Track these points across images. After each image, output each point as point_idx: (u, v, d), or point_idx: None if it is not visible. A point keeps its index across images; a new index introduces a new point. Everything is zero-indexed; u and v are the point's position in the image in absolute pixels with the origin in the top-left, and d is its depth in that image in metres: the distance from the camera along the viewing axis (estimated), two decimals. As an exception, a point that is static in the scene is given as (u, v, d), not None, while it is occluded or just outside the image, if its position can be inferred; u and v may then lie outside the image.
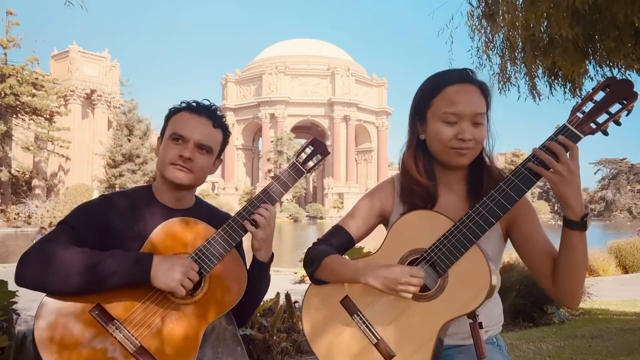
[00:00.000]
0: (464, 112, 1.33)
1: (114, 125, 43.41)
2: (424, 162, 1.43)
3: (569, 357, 3.94)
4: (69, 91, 44.08)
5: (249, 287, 1.46)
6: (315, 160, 1.51)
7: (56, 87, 40.68)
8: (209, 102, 1.57)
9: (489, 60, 4.67)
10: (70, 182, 43.15)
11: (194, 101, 1.55)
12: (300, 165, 1.49)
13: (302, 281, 10.00)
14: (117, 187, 38.37)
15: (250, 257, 1.56)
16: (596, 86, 1.22)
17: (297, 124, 62.25)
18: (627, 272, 11.57)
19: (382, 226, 1.54)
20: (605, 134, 1.21)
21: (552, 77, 4.47)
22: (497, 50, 4.64)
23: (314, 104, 62.19)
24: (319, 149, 1.51)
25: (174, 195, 1.54)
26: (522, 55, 4.45)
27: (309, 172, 1.50)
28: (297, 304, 4.25)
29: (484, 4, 4.32)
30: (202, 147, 1.50)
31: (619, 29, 3.50)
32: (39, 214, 36.21)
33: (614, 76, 2.56)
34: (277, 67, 61.93)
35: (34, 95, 38.83)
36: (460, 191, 1.44)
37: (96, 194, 28.16)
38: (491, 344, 1.42)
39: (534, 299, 5.51)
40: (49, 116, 39.90)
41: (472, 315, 1.26)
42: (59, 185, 43.96)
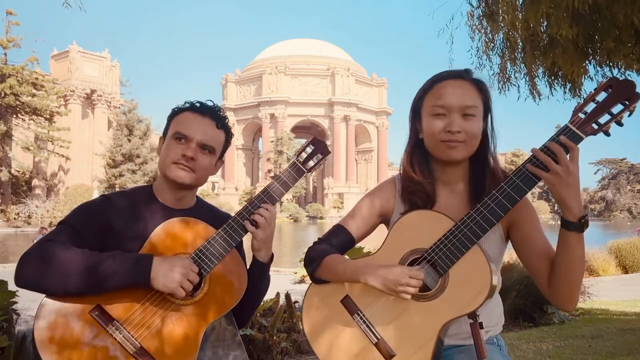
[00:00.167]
0: (452, 104, 1.34)
1: (114, 125, 43.44)
2: (419, 159, 1.45)
3: (569, 357, 3.94)
4: (69, 91, 44.13)
5: (249, 287, 1.46)
6: (315, 159, 1.50)
7: (56, 87, 40.71)
8: (213, 103, 1.58)
9: (489, 60, 4.68)
10: (70, 182, 43.17)
11: (198, 101, 1.56)
12: (300, 164, 1.48)
13: (302, 281, 10.01)
14: (117, 187, 38.38)
15: (250, 257, 1.56)
16: (598, 87, 1.22)
17: (297, 124, 62.28)
18: (627, 272, 11.57)
19: (383, 226, 1.54)
20: (607, 134, 1.21)
21: (552, 77, 4.47)
22: (497, 50, 4.64)
23: (314, 104, 62.22)
24: (319, 148, 1.51)
25: (174, 195, 1.54)
26: (522, 55, 4.44)
27: (309, 171, 1.50)
28: (297, 304, 4.25)
29: (484, 4, 4.32)
30: (204, 147, 1.50)
31: (619, 29, 3.50)
32: (39, 214, 36.22)
33: (616, 77, 2.56)
34: (277, 67, 61.96)
35: (34, 95, 38.85)
36: (461, 191, 1.44)
37: (96, 194, 28.20)
38: (491, 344, 1.42)
39: (534, 299, 5.51)
40: (49, 116, 39.93)
41: (473, 315, 1.26)
42: (59, 185, 43.99)
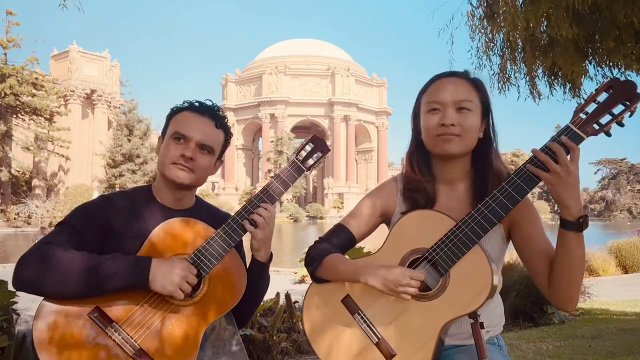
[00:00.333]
0: (446, 98, 1.37)
1: (114, 125, 43.45)
2: (418, 158, 1.46)
3: (569, 357, 3.94)
4: (69, 91, 44.14)
5: (249, 287, 1.45)
6: (315, 157, 1.50)
7: (56, 87, 40.72)
8: (212, 103, 1.57)
9: (489, 60, 4.67)
10: (70, 182, 43.17)
11: (197, 101, 1.54)
12: (300, 163, 1.48)
13: (302, 281, 10.01)
14: (117, 187, 38.39)
15: (250, 257, 1.56)
16: (599, 87, 1.22)
17: (297, 124, 62.27)
18: (627, 272, 11.58)
19: (384, 226, 1.54)
20: (608, 135, 1.21)
21: (552, 77, 4.47)
22: (497, 50, 4.63)
23: (314, 104, 62.22)
24: (319, 147, 1.50)
25: (174, 195, 1.53)
26: (522, 55, 4.44)
27: (309, 169, 1.49)
28: (297, 304, 4.25)
29: (485, 4, 4.32)
30: (203, 147, 1.49)
31: (619, 29, 3.50)
32: (39, 214, 36.22)
33: (617, 78, 2.55)
34: (277, 67, 61.97)
35: (34, 95, 38.86)
36: (463, 191, 1.44)
37: (96, 194, 28.16)
38: (492, 344, 1.42)
39: (534, 299, 5.51)
40: (49, 116, 39.94)
41: (474, 315, 1.26)
42: (59, 185, 44.00)
